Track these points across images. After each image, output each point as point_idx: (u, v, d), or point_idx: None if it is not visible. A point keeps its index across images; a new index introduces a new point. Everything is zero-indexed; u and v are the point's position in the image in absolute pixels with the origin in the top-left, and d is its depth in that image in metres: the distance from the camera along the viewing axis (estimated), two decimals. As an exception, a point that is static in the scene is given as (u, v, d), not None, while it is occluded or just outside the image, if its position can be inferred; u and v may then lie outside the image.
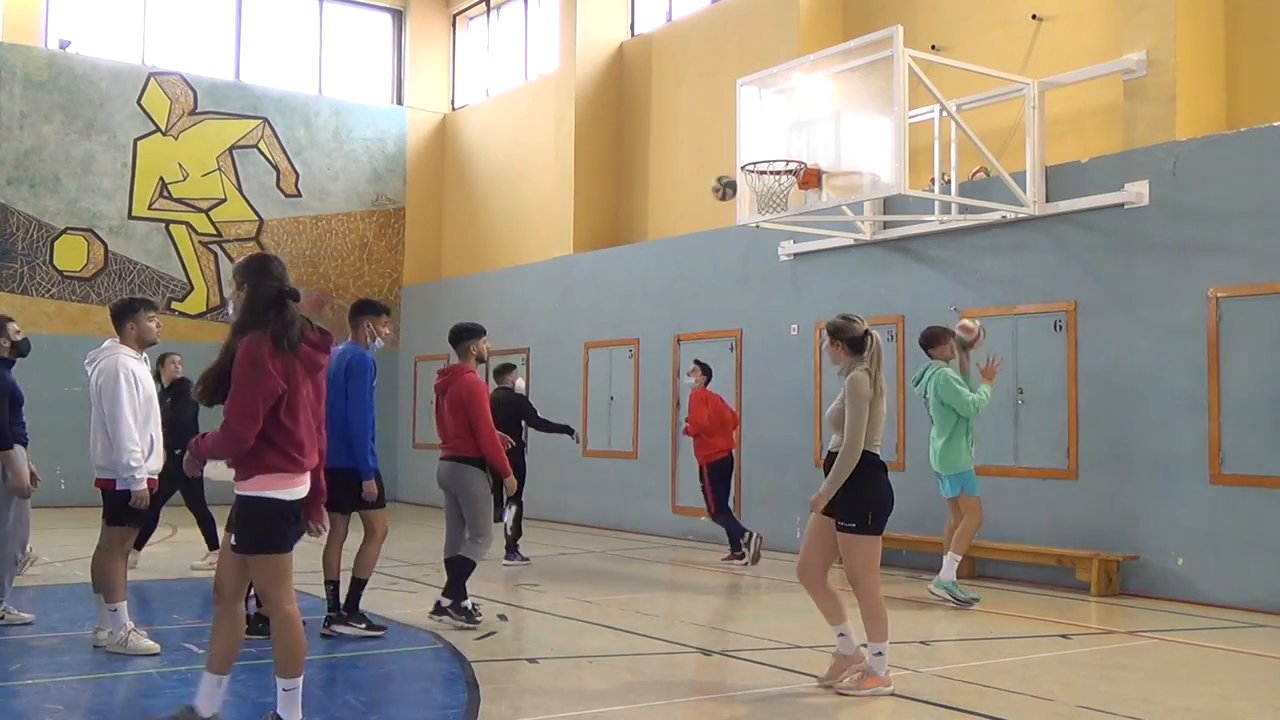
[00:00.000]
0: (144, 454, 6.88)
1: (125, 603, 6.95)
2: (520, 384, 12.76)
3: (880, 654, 6.11)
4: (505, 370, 12.21)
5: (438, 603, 7.99)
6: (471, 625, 7.87)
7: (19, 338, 7.86)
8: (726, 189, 11.92)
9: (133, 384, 6.92)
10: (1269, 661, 7.29)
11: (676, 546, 13.45)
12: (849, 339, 6.31)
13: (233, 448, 4.75)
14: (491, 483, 8.22)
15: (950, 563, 9.22)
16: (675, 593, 10.46)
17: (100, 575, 7.01)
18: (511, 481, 8.53)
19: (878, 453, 6.22)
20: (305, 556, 9.02)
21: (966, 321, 9.76)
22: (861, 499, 6.13)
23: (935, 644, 7.64)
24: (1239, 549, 9.28)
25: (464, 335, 8.42)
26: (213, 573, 5.31)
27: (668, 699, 6.15)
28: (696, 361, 12.22)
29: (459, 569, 7.99)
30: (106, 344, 7.12)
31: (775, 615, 8.99)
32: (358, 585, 7.63)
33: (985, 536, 10.88)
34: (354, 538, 7.69)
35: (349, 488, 7.36)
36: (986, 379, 9.38)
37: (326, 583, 7.61)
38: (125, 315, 7.07)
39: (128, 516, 6.97)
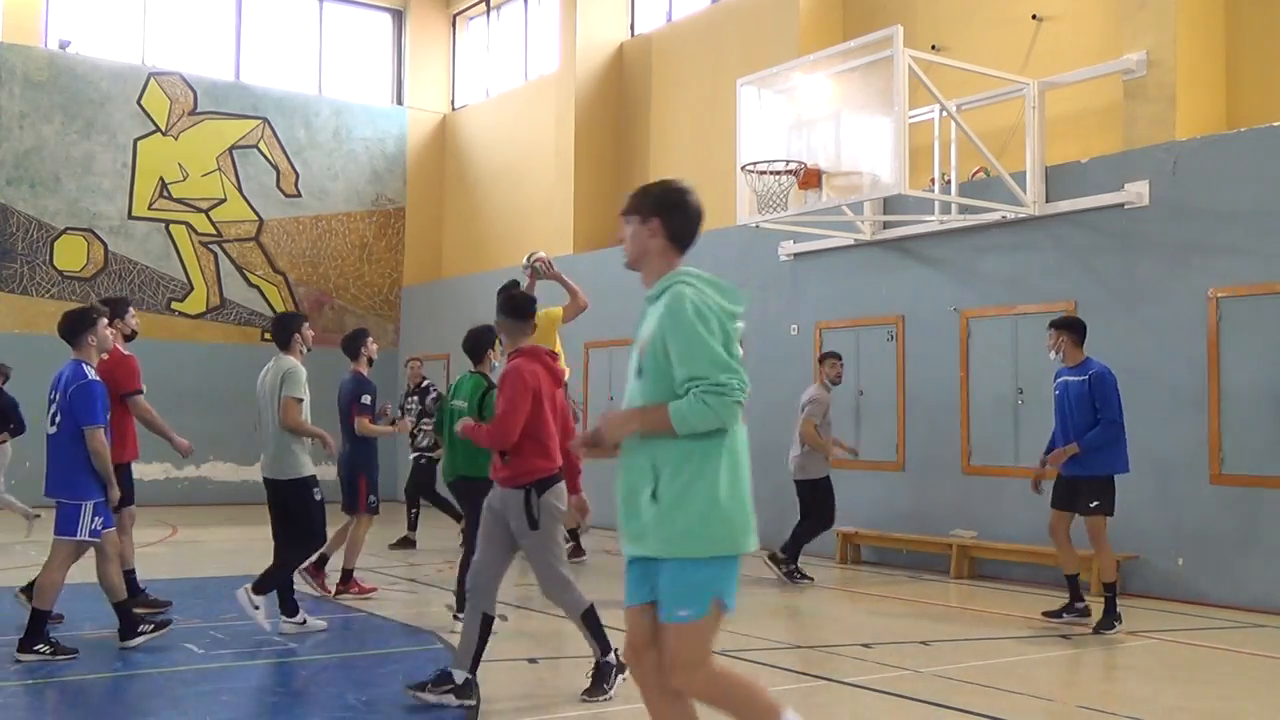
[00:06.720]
0: None
1: None
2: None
3: None
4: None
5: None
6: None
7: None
8: (535, 268, 10.57)
9: None
10: (1269, 661, 7.29)
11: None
12: None
13: None
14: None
15: None
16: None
17: None
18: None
19: None
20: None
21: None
22: None
23: (935, 644, 7.64)
24: (1239, 549, 9.28)
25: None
26: None
27: (668, 699, 6.14)
28: None
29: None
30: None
31: (775, 615, 8.99)
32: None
33: (985, 536, 10.90)
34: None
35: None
36: None
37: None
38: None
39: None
